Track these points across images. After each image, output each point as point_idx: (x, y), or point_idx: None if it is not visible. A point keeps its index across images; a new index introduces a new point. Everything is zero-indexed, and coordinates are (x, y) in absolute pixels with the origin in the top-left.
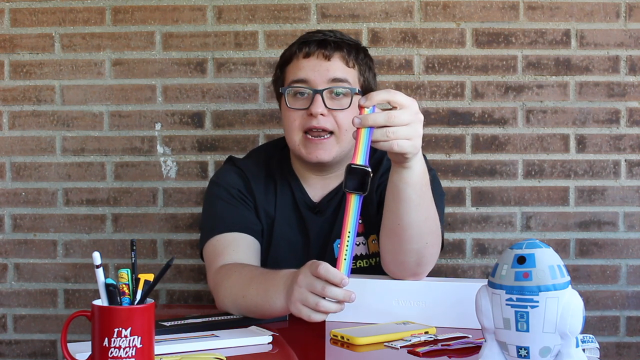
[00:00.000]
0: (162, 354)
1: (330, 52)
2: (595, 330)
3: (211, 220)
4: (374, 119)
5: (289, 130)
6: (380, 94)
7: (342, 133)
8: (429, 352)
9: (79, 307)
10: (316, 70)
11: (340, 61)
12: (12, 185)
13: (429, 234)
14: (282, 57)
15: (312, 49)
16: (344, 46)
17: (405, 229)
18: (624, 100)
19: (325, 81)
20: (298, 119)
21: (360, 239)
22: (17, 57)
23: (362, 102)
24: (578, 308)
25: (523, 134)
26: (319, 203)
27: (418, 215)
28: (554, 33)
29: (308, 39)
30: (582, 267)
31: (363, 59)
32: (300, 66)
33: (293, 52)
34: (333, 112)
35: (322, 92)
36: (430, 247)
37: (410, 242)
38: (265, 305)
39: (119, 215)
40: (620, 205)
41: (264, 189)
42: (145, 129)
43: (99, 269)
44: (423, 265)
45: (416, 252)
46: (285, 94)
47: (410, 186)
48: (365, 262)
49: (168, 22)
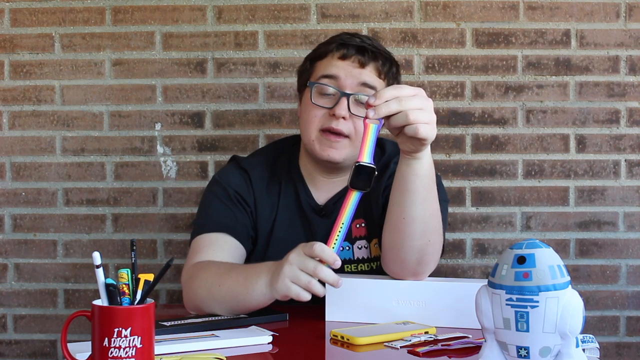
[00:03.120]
0: (162, 354)
1: (366, 60)
2: (595, 330)
3: (203, 218)
4: (388, 106)
5: (306, 124)
6: (388, 90)
7: (357, 138)
8: (429, 352)
9: (79, 307)
10: (349, 73)
11: (373, 71)
12: (12, 185)
13: (432, 231)
14: (315, 51)
15: (350, 52)
16: (380, 57)
17: (410, 224)
18: (624, 100)
19: (355, 85)
20: (319, 116)
21: (363, 242)
22: (17, 57)
23: (371, 101)
24: (578, 308)
25: (523, 134)
26: (324, 206)
27: (424, 209)
28: (554, 33)
29: (347, 41)
30: (582, 267)
31: (394, 74)
32: (334, 64)
33: (329, 50)
34: (354, 118)
35: (349, 96)
36: (432, 245)
37: (413, 238)
38: (243, 293)
39: (119, 215)
40: (620, 205)
41: (266, 189)
42: (145, 129)
43: (99, 269)
44: (424, 264)
45: (418, 250)
46: (312, 88)
47: (419, 178)
48: (367, 265)
49: (168, 22)
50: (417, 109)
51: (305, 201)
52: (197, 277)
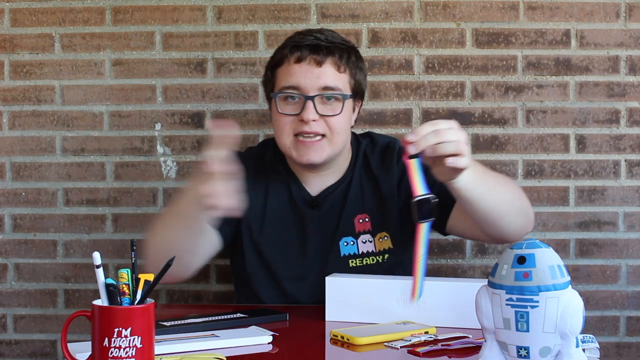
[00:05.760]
0: (162, 354)
1: (322, 57)
2: (595, 330)
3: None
4: (426, 140)
5: (279, 133)
6: (425, 126)
7: (334, 136)
8: (429, 352)
9: (79, 307)
10: (307, 77)
11: (332, 67)
12: (12, 185)
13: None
14: (272, 59)
15: (304, 53)
16: (335, 51)
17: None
18: (624, 100)
19: (316, 88)
20: (289, 123)
21: (367, 236)
22: (17, 57)
23: (410, 138)
24: (578, 308)
25: (523, 134)
26: (316, 197)
27: (498, 200)
28: (554, 33)
29: (299, 42)
30: (582, 267)
31: (354, 62)
32: (291, 72)
33: (284, 56)
34: (324, 117)
35: (313, 99)
36: (523, 199)
37: (509, 219)
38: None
39: (119, 215)
40: (620, 205)
41: (253, 187)
42: (145, 129)
43: (99, 269)
44: (528, 213)
45: (519, 211)
46: (276, 99)
47: (472, 189)
48: (372, 259)
49: (168, 22)
50: (454, 142)
51: (298, 194)
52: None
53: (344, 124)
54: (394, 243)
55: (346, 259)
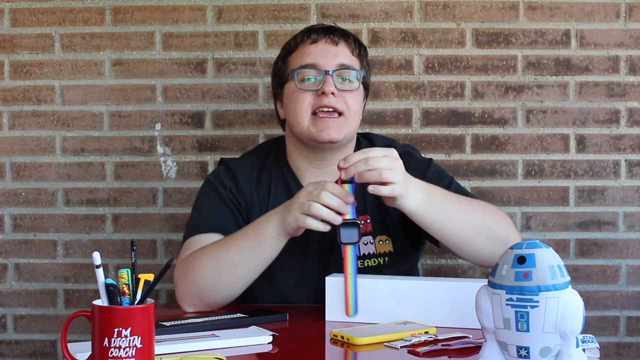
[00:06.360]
0: (162, 354)
1: (337, 38)
2: (595, 330)
3: (195, 219)
4: (356, 167)
5: (297, 112)
6: (357, 154)
7: (351, 114)
8: (429, 352)
9: (79, 307)
10: (325, 55)
11: (346, 48)
12: (12, 185)
13: (482, 221)
14: (284, 49)
15: (320, 35)
16: (349, 36)
17: (460, 239)
18: (624, 100)
19: (334, 65)
20: (307, 99)
21: (368, 238)
22: (17, 57)
23: (341, 164)
24: (578, 308)
25: (523, 134)
26: None
27: (457, 223)
28: (554, 33)
29: (313, 27)
30: (582, 267)
31: (364, 53)
32: (308, 52)
33: (298, 41)
34: (343, 94)
35: (332, 73)
36: (494, 226)
37: (475, 240)
38: (254, 244)
39: (119, 215)
40: (620, 205)
41: (256, 188)
42: (145, 129)
43: (99, 269)
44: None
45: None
46: (295, 75)
47: (422, 213)
48: (374, 261)
49: (168, 22)
50: (387, 169)
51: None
52: (195, 261)
53: (359, 104)
54: (395, 248)
55: None
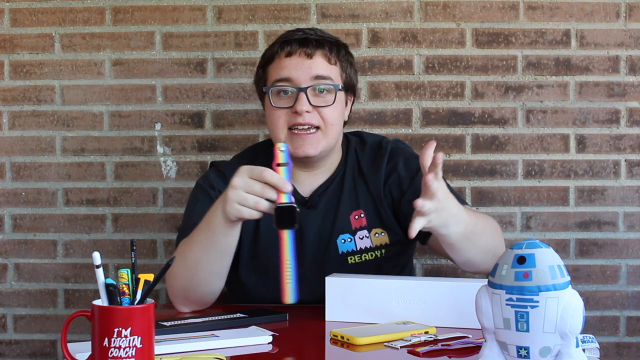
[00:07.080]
0: (162, 354)
1: (312, 50)
2: (595, 330)
3: (187, 222)
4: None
5: (274, 129)
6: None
7: (327, 128)
8: (429, 352)
9: (79, 307)
10: (299, 69)
11: (322, 58)
12: (12, 185)
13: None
14: (263, 57)
15: (294, 47)
16: (325, 44)
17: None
18: (624, 100)
19: (308, 79)
20: (283, 117)
21: (364, 232)
22: (17, 57)
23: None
24: (578, 308)
25: (523, 134)
26: (309, 197)
27: (476, 249)
28: (554, 33)
29: (289, 37)
30: (582, 267)
31: (344, 56)
32: (282, 65)
33: (275, 52)
34: (318, 109)
35: (306, 90)
36: (499, 245)
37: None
38: (208, 237)
39: (119, 215)
40: (620, 205)
41: None
42: (145, 129)
43: (99, 269)
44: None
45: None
46: (269, 93)
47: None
48: (371, 254)
49: (168, 22)
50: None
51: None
52: (174, 265)
53: (337, 116)
54: (391, 239)
55: (344, 256)
